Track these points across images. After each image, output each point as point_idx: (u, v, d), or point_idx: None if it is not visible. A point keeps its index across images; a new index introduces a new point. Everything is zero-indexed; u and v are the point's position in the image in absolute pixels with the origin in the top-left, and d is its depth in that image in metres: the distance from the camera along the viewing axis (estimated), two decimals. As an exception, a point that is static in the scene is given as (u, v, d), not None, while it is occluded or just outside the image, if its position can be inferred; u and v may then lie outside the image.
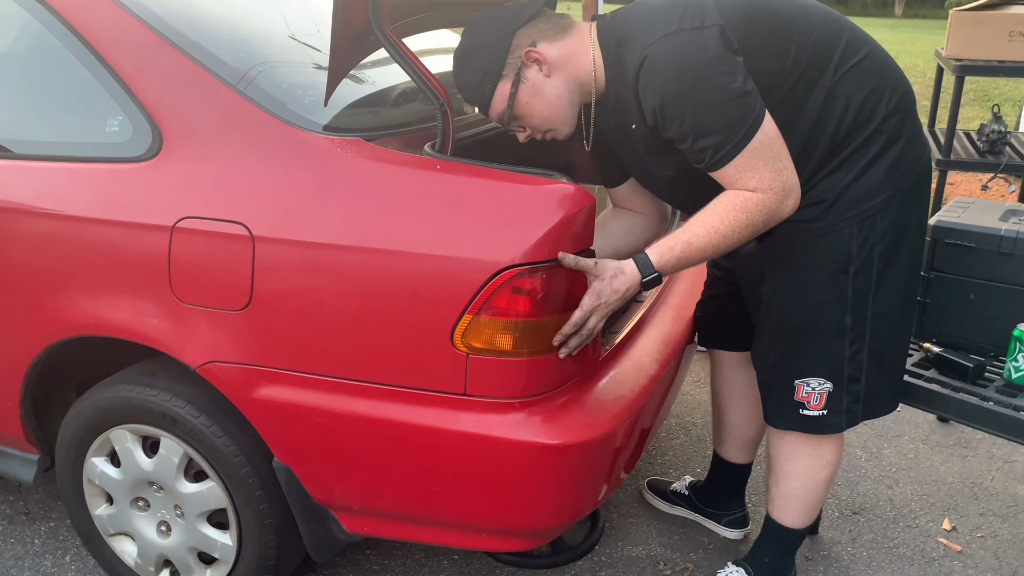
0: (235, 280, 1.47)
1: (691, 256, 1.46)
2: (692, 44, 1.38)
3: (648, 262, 1.46)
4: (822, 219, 1.53)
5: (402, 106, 1.77)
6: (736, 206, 1.42)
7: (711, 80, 1.37)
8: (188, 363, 1.53)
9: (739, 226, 1.43)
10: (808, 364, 1.63)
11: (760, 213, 1.42)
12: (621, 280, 1.44)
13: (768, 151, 1.41)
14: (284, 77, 1.63)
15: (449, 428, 1.41)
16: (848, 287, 1.56)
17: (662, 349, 1.80)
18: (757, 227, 1.44)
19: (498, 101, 1.53)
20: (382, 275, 1.39)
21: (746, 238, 1.45)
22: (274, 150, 1.47)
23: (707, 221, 1.44)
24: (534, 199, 1.39)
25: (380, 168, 1.44)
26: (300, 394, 1.48)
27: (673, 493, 2.26)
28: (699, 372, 3.12)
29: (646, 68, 1.40)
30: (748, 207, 1.42)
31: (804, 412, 1.66)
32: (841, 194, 1.51)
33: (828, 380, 1.62)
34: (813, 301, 1.58)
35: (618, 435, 1.50)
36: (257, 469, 1.61)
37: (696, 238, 1.45)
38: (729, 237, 1.44)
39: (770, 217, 1.44)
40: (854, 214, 1.52)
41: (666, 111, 1.40)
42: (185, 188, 1.51)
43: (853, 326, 1.58)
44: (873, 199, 1.52)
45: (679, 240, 1.46)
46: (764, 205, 1.42)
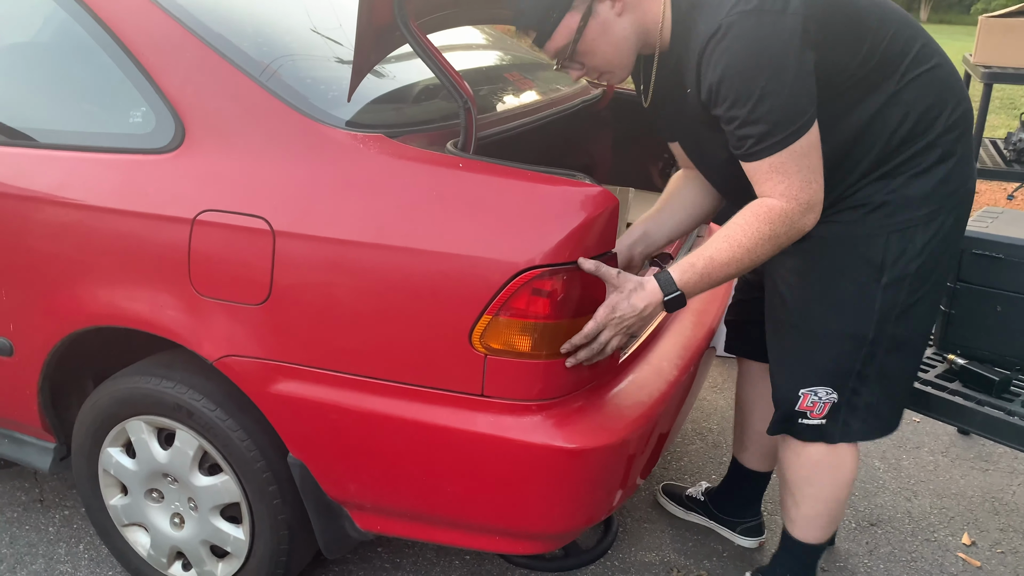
0: (254, 274, 1.46)
1: (714, 272, 1.41)
2: (770, 28, 1.31)
3: (670, 279, 1.42)
4: (861, 223, 1.48)
5: (425, 103, 1.75)
6: (759, 217, 1.38)
7: (778, 70, 1.31)
8: (205, 356, 1.52)
9: (763, 238, 1.39)
10: (817, 372, 1.58)
11: (783, 224, 1.38)
12: (640, 296, 1.40)
13: (805, 159, 1.36)
14: (307, 71, 1.62)
15: (465, 428, 1.40)
16: (877, 297, 1.50)
17: (681, 354, 1.78)
18: (780, 240, 1.40)
19: (562, 34, 1.44)
20: (401, 273, 1.38)
21: (770, 252, 1.41)
22: (296, 145, 1.47)
23: (729, 235, 1.40)
24: (556, 200, 1.37)
25: (402, 165, 1.42)
26: (317, 390, 1.47)
27: (688, 499, 2.23)
28: (716, 378, 3.09)
29: (717, 39, 1.33)
30: (772, 218, 1.38)
31: (803, 422, 1.62)
32: (885, 201, 1.46)
33: (834, 390, 1.58)
34: (840, 306, 1.53)
35: (635, 440, 1.48)
36: (271, 464, 1.61)
37: (719, 253, 1.41)
38: (753, 251, 1.40)
39: (792, 230, 1.40)
40: (894, 223, 1.47)
41: (723, 88, 1.34)
42: (207, 181, 1.50)
43: (874, 339, 1.53)
44: (917, 210, 1.46)
45: (701, 256, 1.41)
46: (787, 216, 1.38)
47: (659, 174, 2.61)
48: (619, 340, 1.43)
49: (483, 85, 1.99)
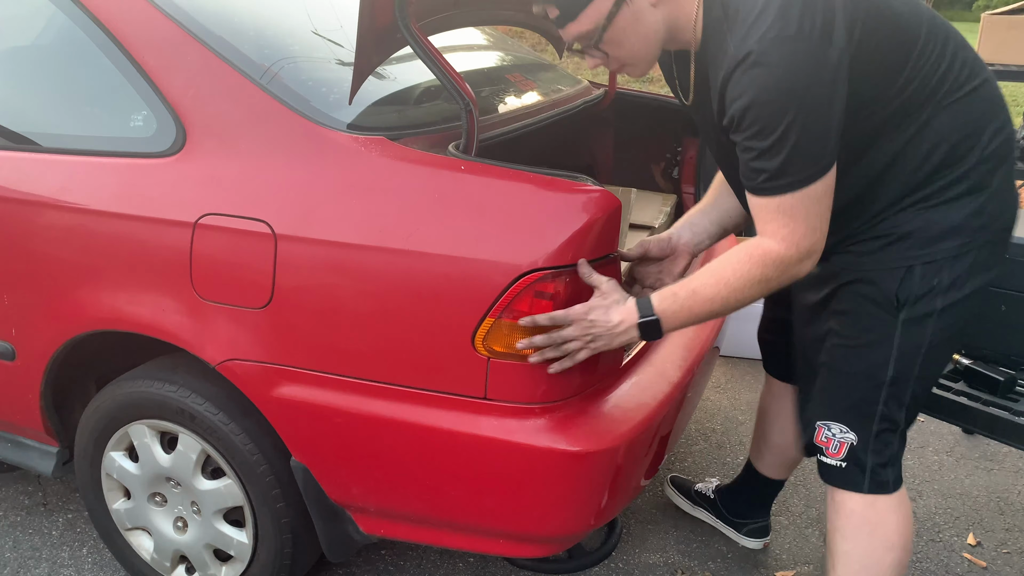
0: (256, 278, 1.46)
1: (696, 307, 1.34)
2: (807, 61, 1.20)
3: (648, 303, 1.35)
4: (881, 254, 1.39)
5: (426, 105, 1.75)
6: (753, 259, 1.30)
7: (810, 108, 1.21)
8: (208, 360, 1.52)
9: (752, 281, 1.31)
10: (833, 407, 1.49)
11: (776, 270, 1.30)
12: (617, 310, 1.34)
13: (816, 205, 1.27)
14: (308, 74, 1.62)
15: (468, 432, 1.39)
16: (896, 334, 1.39)
17: (684, 356, 1.77)
18: (771, 285, 1.32)
19: (590, 17, 1.32)
20: (404, 276, 1.37)
21: (758, 295, 1.33)
22: (298, 147, 1.46)
23: (717, 270, 1.33)
24: (559, 202, 1.37)
25: (404, 168, 1.42)
26: (319, 394, 1.47)
27: (697, 494, 2.20)
28: (720, 378, 3.08)
29: (746, 66, 1.22)
30: (766, 262, 1.30)
31: (821, 459, 1.52)
32: (908, 233, 1.36)
33: (852, 431, 1.47)
34: (854, 342, 1.44)
35: (639, 443, 1.48)
36: (274, 468, 1.60)
37: (703, 287, 1.33)
38: (739, 291, 1.31)
39: (785, 276, 1.31)
40: (918, 255, 1.36)
41: (747, 117, 1.23)
42: (208, 184, 1.50)
43: (893, 380, 1.41)
44: (943, 243, 1.35)
45: (685, 287, 1.35)
46: (783, 262, 1.29)
47: (661, 174, 2.61)
48: (580, 346, 1.35)
49: (485, 87, 1.98)
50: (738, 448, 2.61)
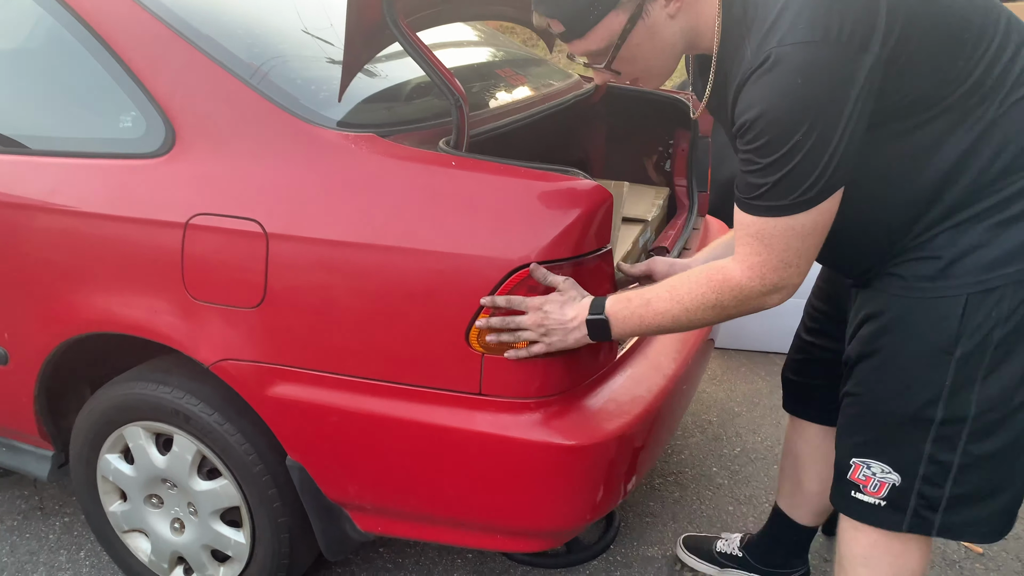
0: (249, 277, 1.46)
1: (647, 318, 1.29)
2: (831, 71, 1.07)
3: (601, 304, 1.32)
4: (934, 280, 1.22)
5: (416, 101, 1.75)
6: (712, 283, 1.25)
7: (823, 129, 1.09)
8: (201, 360, 1.52)
9: (706, 305, 1.26)
10: (873, 445, 1.34)
11: (733, 298, 1.23)
12: (572, 307, 1.33)
13: (797, 240, 1.17)
14: (297, 72, 1.61)
15: (464, 428, 1.39)
16: (949, 372, 1.23)
17: (679, 348, 1.77)
18: (727, 312, 1.26)
19: (600, 36, 1.22)
20: (396, 273, 1.37)
21: (711, 320, 1.28)
22: (287, 146, 1.46)
23: (675, 287, 1.29)
24: (550, 196, 1.37)
25: (394, 164, 1.42)
26: (314, 392, 1.46)
27: (721, 555, 1.99)
28: (715, 370, 3.09)
29: (762, 71, 1.10)
30: (723, 288, 1.23)
31: (857, 496, 1.37)
32: (964, 254, 1.19)
33: (895, 471, 1.32)
34: (899, 377, 1.28)
35: (635, 436, 1.48)
36: (270, 467, 1.60)
37: (657, 300, 1.29)
38: (691, 313, 1.27)
39: (744, 306, 1.25)
40: (975, 281, 1.19)
41: (754, 129, 1.12)
42: (198, 184, 1.49)
43: (944, 421, 1.26)
44: (1005, 267, 1.18)
45: (640, 295, 1.31)
46: (742, 292, 1.22)
47: (654, 168, 2.61)
48: (534, 337, 1.34)
49: (475, 82, 1.98)
50: (735, 439, 2.61)
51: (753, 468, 2.46)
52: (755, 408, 2.82)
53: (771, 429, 2.68)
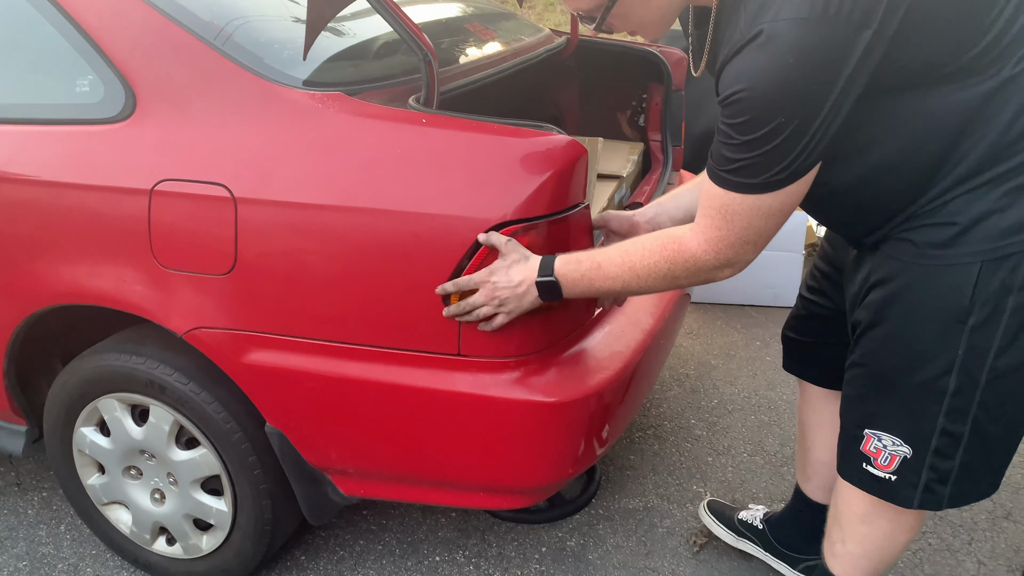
0: (218, 244, 1.42)
1: (596, 281, 1.28)
2: (825, 50, 1.02)
3: (550, 264, 1.30)
4: (947, 247, 1.18)
5: (385, 58, 1.70)
6: (665, 252, 1.23)
7: (808, 111, 1.05)
8: (174, 330, 1.49)
9: (657, 274, 1.24)
10: (885, 417, 1.31)
11: (686, 270, 1.23)
12: (519, 269, 1.30)
13: (760, 220, 1.15)
14: (261, 31, 1.56)
15: (444, 389, 1.39)
16: (962, 341, 1.20)
17: (656, 303, 1.77)
18: (679, 282, 1.25)
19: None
20: (369, 235, 1.35)
21: (660, 288, 1.28)
22: (253, 107, 1.42)
23: (627, 251, 1.26)
24: (526, 152, 1.34)
25: (364, 123, 1.38)
26: (290, 358, 1.45)
27: (742, 524, 1.95)
28: (692, 324, 3.11)
29: (756, 45, 1.05)
30: (675, 260, 1.22)
31: (868, 468, 1.35)
32: (979, 220, 1.15)
33: (906, 444, 1.30)
34: (912, 347, 1.24)
35: (613, 391, 1.48)
36: (249, 435, 1.59)
37: (608, 264, 1.27)
38: (642, 280, 1.26)
39: (695, 277, 1.24)
40: (990, 248, 1.15)
41: (738, 104, 1.08)
42: (162, 149, 1.45)
43: (957, 391, 1.23)
44: (1021, 234, 1.14)
45: (591, 257, 1.29)
46: (695, 264, 1.21)
47: (628, 123, 2.58)
48: (492, 311, 1.32)
49: (444, 37, 1.93)
50: (712, 392, 2.64)
51: (731, 419, 2.49)
52: (731, 360, 2.85)
53: (747, 380, 2.71)
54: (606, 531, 2.03)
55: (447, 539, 2.00)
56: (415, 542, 1.99)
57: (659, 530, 2.03)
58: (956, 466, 1.28)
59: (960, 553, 1.95)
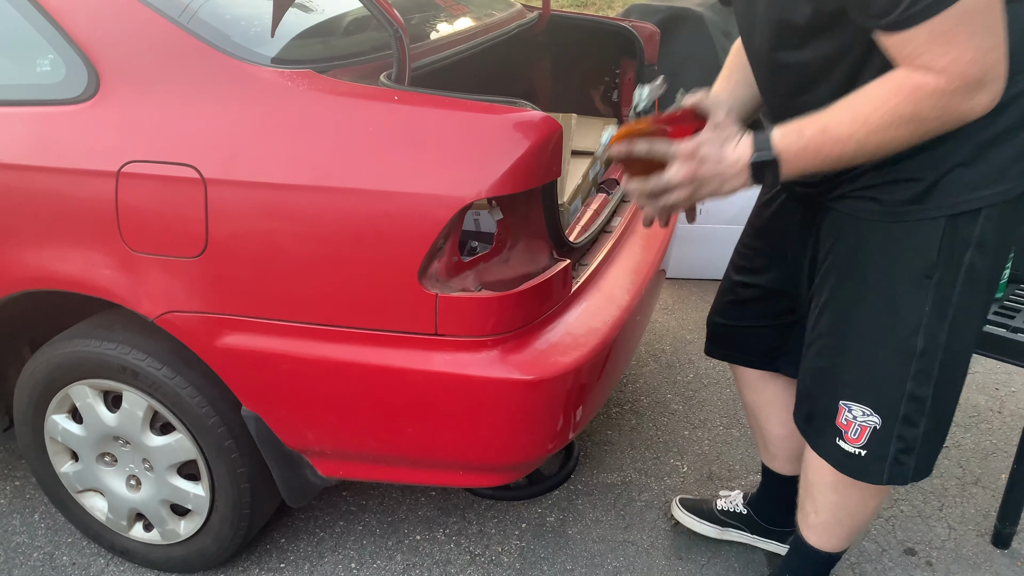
0: (188, 226, 1.40)
1: (824, 147, 1.07)
2: None
3: (767, 140, 1.09)
4: (913, 203, 1.16)
5: (355, 34, 1.68)
6: (903, 92, 1.02)
7: None
8: (145, 314, 1.47)
9: (900, 118, 1.03)
10: (855, 386, 1.29)
11: (934, 108, 1.01)
12: (732, 146, 1.09)
13: (982, 17, 0.96)
14: (228, 8, 1.53)
15: (421, 369, 1.38)
16: (928, 298, 1.19)
17: (632, 279, 1.78)
18: (928, 126, 1.04)
19: None
20: (342, 215, 1.33)
21: (905, 139, 1.06)
22: (220, 86, 1.39)
23: (855, 104, 1.06)
24: (499, 128, 1.33)
25: (334, 101, 1.36)
26: (265, 341, 1.43)
27: (723, 513, 1.90)
28: (667, 300, 3.12)
29: None
30: (919, 97, 1.01)
31: (839, 443, 1.34)
32: (945, 174, 1.13)
33: (876, 413, 1.28)
34: (883, 306, 1.23)
35: (590, 367, 1.49)
36: (225, 419, 1.57)
37: (836, 124, 1.06)
38: (882, 131, 1.04)
39: (947, 114, 1.03)
40: (955, 203, 1.14)
41: None
42: (128, 130, 1.42)
43: (923, 351, 1.22)
44: (984, 189, 1.13)
45: (812, 123, 1.08)
46: (943, 97, 1.00)
47: (601, 99, 2.57)
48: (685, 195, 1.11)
49: (415, 13, 1.91)
50: (687, 366, 2.66)
51: (706, 393, 2.52)
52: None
53: (723, 354, 2.74)
54: (585, 506, 2.04)
55: (427, 518, 2.00)
56: (395, 521, 1.99)
57: (637, 504, 2.05)
58: (920, 434, 1.28)
59: (931, 519, 1.99)
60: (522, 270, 1.46)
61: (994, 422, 2.36)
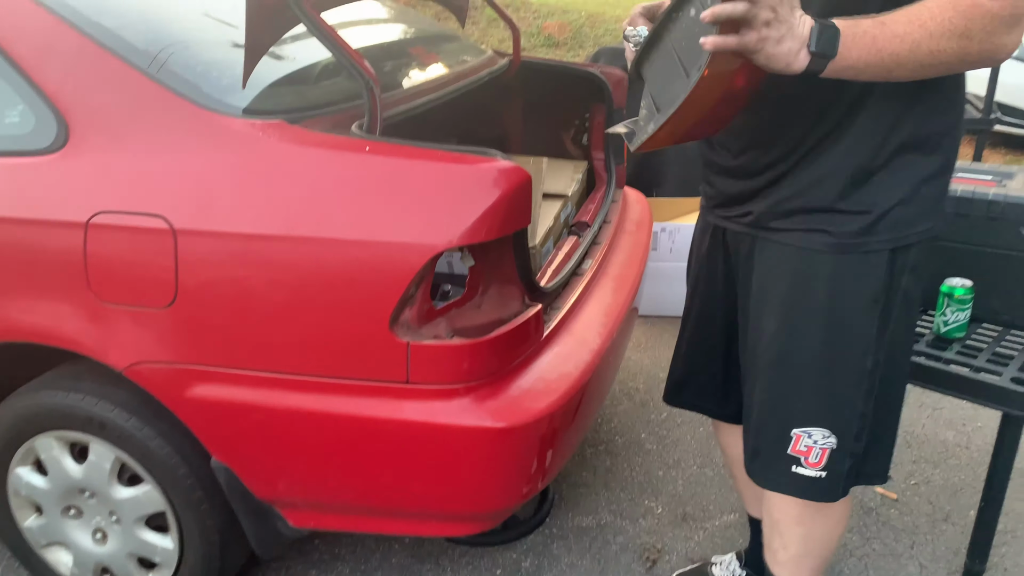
0: (158, 276, 1.39)
1: (879, 39, 1.08)
2: None
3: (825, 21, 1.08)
4: (860, 236, 1.25)
5: (326, 84, 1.69)
6: (961, 6, 1.06)
7: None
8: (113, 365, 1.45)
9: (953, 31, 1.07)
10: (813, 411, 1.33)
11: (983, 30, 1.07)
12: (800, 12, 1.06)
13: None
14: (199, 58, 1.54)
15: (393, 418, 1.38)
16: (875, 320, 1.29)
17: (604, 321, 1.79)
18: (971, 46, 1.08)
19: None
20: (314, 264, 1.33)
21: (951, 53, 1.09)
22: (191, 137, 1.40)
23: (912, 9, 1.09)
24: (469, 178, 1.35)
25: (305, 152, 1.37)
26: (235, 391, 1.42)
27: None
28: (640, 337, 3.14)
29: None
30: (974, 15, 1.06)
31: (798, 470, 1.36)
32: (889, 209, 1.23)
33: (834, 434, 1.33)
34: (836, 333, 1.29)
35: (565, 412, 1.49)
36: (195, 470, 1.55)
37: (893, 21, 1.08)
38: (935, 38, 1.08)
39: (988, 45, 1.08)
40: (897, 236, 1.25)
41: None
42: (97, 181, 1.42)
43: (872, 369, 1.31)
44: (919, 226, 1.25)
45: (870, 18, 1.09)
46: (994, 21, 1.06)
47: (571, 142, 2.61)
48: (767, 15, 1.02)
49: (387, 61, 1.93)
50: (661, 405, 2.67)
51: (680, 432, 2.52)
52: (680, 373, 2.88)
53: (696, 393, 2.75)
54: (560, 550, 2.03)
55: (402, 565, 1.98)
56: (368, 570, 1.96)
57: (612, 547, 2.04)
58: (863, 447, 1.36)
59: (903, 557, 2.00)
60: (494, 316, 1.47)
61: (962, 457, 2.40)
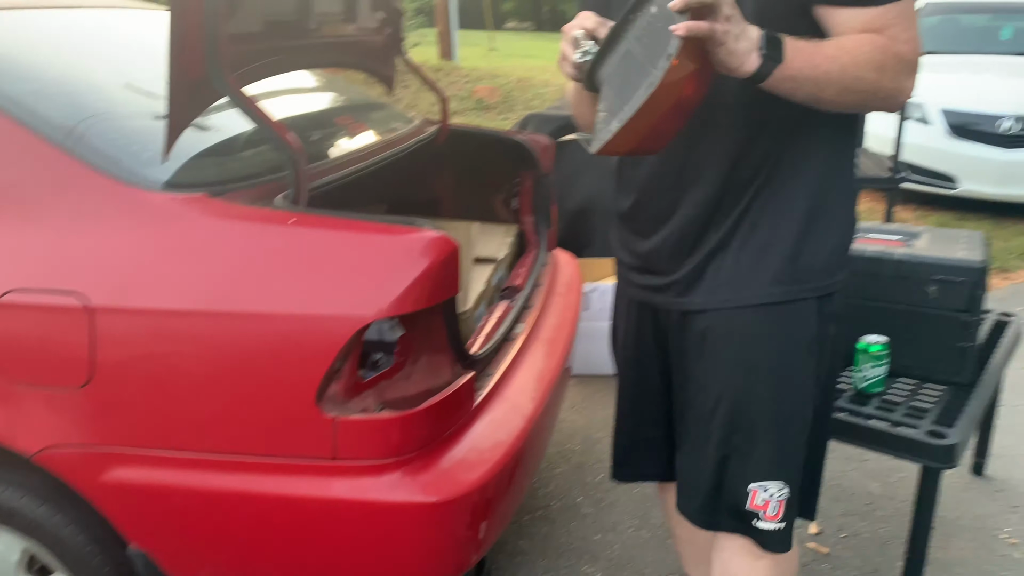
0: (72, 355, 1.34)
1: (815, 56, 1.13)
2: None
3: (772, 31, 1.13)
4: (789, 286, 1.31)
5: (250, 155, 1.68)
6: (877, 45, 1.15)
7: None
8: (21, 452, 1.38)
9: (871, 64, 1.14)
10: (769, 465, 1.34)
11: (893, 68, 1.16)
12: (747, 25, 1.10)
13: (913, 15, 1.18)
14: (119, 130, 1.52)
15: (320, 496, 1.34)
16: (811, 368, 1.34)
17: (537, 385, 1.79)
18: (883, 81, 1.16)
19: None
20: (238, 340, 1.30)
21: (866, 84, 1.16)
22: (109, 212, 1.36)
23: (839, 41, 1.16)
24: (395, 249, 1.35)
25: (228, 225, 1.36)
26: (154, 474, 1.36)
27: None
28: (575, 397, 3.15)
29: None
30: (888, 54, 1.15)
31: (758, 524, 1.36)
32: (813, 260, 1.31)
33: (787, 484, 1.35)
34: (784, 386, 1.33)
35: (499, 482, 1.47)
36: (111, 558, 1.47)
37: (824, 45, 1.15)
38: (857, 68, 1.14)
39: (894, 82, 1.17)
40: (821, 286, 1.32)
41: None
42: (8, 259, 1.37)
43: (812, 418, 1.37)
44: (837, 275, 1.34)
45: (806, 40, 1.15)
46: (902, 62, 1.16)
47: (502, 206, 2.65)
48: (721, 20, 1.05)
49: (314, 131, 1.93)
50: (597, 466, 2.67)
51: (616, 494, 2.52)
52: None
53: (631, 452, 2.76)
54: (499, 622, 1.99)
55: (333, 647, 1.90)
56: (299, 654, 1.88)
57: (552, 616, 2.01)
58: (798, 491, 1.39)
59: (838, 612, 2.02)
60: (425, 386, 1.45)
61: (888, 508, 2.45)
